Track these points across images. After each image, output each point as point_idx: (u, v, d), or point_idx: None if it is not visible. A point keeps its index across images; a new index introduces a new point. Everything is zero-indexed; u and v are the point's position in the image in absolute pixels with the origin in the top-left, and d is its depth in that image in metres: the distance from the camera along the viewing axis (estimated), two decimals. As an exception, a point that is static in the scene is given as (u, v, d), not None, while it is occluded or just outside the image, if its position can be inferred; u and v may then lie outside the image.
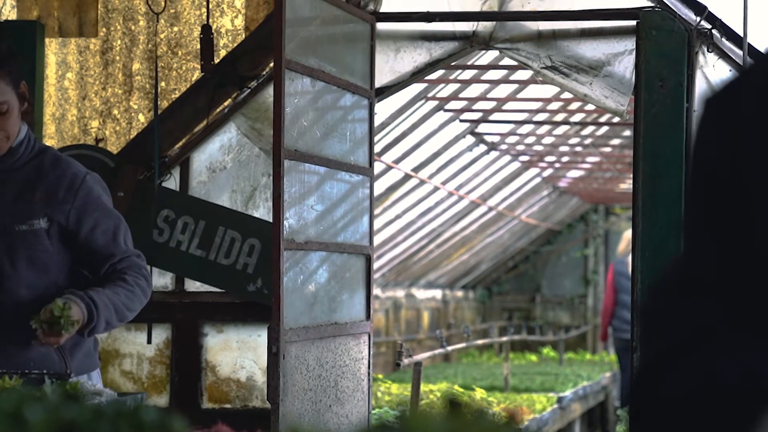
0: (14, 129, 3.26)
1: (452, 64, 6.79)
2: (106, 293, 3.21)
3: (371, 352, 5.64)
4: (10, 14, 6.05)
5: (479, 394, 8.82)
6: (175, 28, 6.01)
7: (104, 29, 6.01)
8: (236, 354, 5.97)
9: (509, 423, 1.16)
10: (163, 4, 5.89)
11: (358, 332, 5.51)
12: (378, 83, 5.73)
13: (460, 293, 18.39)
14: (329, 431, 4.94)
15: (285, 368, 4.80)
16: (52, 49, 6.05)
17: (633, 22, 5.48)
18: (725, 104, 1.19)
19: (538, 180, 14.76)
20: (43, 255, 3.30)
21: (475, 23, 5.77)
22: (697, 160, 1.18)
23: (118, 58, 6.02)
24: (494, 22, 5.75)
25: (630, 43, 5.56)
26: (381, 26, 5.76)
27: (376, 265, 13.19)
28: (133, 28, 6.04)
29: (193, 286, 5.95)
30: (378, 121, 8.71)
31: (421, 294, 16.18)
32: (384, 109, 8.57)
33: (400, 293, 15.29)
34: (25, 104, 3.31)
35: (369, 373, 5.60)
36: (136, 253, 3.40)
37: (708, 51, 5.46)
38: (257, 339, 5.86)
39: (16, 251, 3.28)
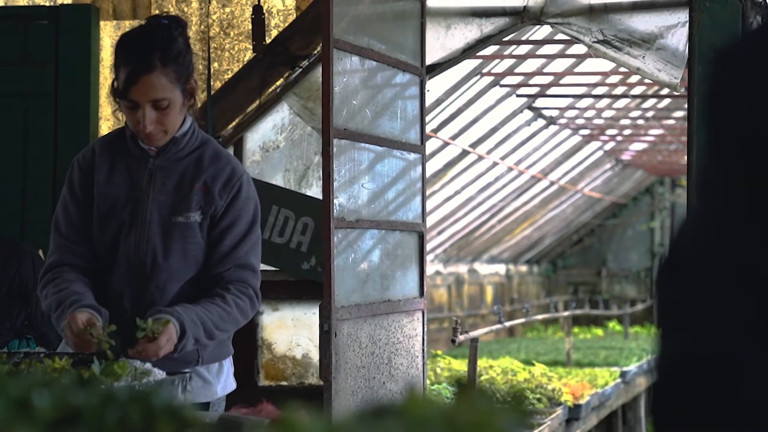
0: (174, 124, 3.25)
1: (506, 39, 6.74)
2: (194, 310, 3.14)
3: (425, 329, 5.65)
4: (66, -2, 6.12)
5: (539, 369, 8.80)
6: (227, 9, 6.05)
7: (157, 11, 6.05)
8: (292, 332, 6.01)
9: (515, 405, 1.16)
10: (214, -15, 5.93)
11: (411, 309, 5.52)
12: (429, 60, 5.72)
13: (524, 268, 18.33)
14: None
15: (337, 346, 4.82)
16: (106, 32, 6.12)
17: (686, -6, 5.42)
18: (746, 57, 1.13)
19: (600, 153, 14.66)
20: (195, 248, 3.27)
21: (526, -2, 5.74)
22: (718, 109, 1.12)
23: (171, 39, 6.07)
24: (545, -3, 5.71)
25: (683, 15, 5.49)
26: (431, 3, 5.74)
27: (436, 241, 13.19)
28: (185, 9, 6.08)
29: (248, 264, 6.00)
30: (433, 97, 8.69)
31: (484, 269, 16.16)
32: (439, 85, 8.55)
33: (462, 269, 15.28)
34: (191, 100, 3.30)
35: (423, 350, 5.61)
36: (252, 269, 3.31)
37: (762, 22, 5.38)
38: (312, 317, 5.90)
39: (170, 243, 3.26)
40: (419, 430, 1.08)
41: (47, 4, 6.10)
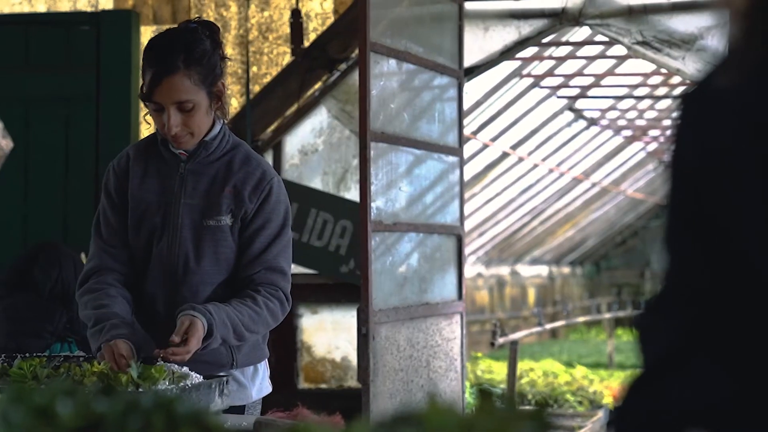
0: (200, 126, 3.25)
1: (546, 41, 6.73)
2: (226, 310, 3.14)
3: (464, 332, 5.64)
4: (107, 4, 6.18)
5: (581, 371, 8.76)
6: (266, 13, 6.07)
7: (197, 15, 6.09)
8: (331, 334, 6.03)
9: (536, 415, 1.16)
10: (253, -11, 5.96)
11: (449, 312, 5.52)
12: (467, 63, 5.71)
13: (567, 269, 18.26)
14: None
15: (375, 349, 4.83)
16: (147, 36, 6.16)
17: (725, -5, 5.38)
18: (702, 103, 1.13)
19: (642, 154, 14.57)
20: (227, 251, 3.28)
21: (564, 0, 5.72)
22: (673, 161, 1.14)
23: (210, 44, 6.11)
24: (583, -1, 5.69)
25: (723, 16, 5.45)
26: (469, 5, 5.74)
27: (478, 243, 13.17)
28: (224, 13, 6.11)
29: (287, 267, 6.02)
30: (472, 99, 8.68)
31: (526, 271, 16.11)
32: (478, 87, 8.54)
33: (504, 270, 15.24)
34: (219, 102, 3.32)
35: (462, 353, 5.60)
36: (281, 271, 3.31)
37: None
38: (351, 320, 5.91)
39: (202, 246, 3.27)
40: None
41: (89, 9, 6.16)
